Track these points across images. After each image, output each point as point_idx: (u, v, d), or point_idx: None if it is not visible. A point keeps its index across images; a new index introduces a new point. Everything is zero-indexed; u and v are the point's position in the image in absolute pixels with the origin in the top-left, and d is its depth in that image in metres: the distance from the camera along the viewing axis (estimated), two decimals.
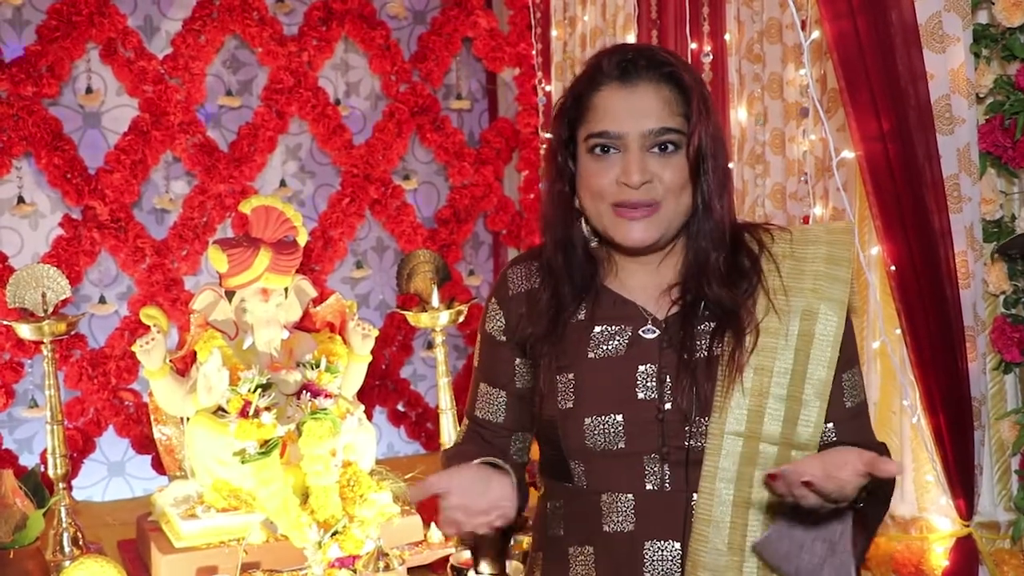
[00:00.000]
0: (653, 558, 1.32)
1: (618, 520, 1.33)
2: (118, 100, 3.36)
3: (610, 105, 1.33)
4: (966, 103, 2.02)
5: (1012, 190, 2.12)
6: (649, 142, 1.31)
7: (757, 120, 2.67)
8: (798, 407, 1.30)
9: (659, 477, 1.32)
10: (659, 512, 1.32)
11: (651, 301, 1.38)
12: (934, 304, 2.02)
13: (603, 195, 1.33)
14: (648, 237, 1.33)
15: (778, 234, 1.39)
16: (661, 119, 1.31)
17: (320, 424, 2.31)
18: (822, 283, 1.34)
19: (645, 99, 1.32)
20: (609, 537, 1.34)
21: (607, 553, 1.35)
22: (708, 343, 1.33)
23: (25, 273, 2.49)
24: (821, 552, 1.27)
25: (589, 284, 1.40)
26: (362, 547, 2.22)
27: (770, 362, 1.31)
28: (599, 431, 1.33)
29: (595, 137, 1.33)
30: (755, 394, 1.30)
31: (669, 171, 1.31)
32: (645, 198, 1.31)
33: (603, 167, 1.33)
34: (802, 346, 1.32)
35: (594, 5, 3.20)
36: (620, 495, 1.33)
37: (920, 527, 2.20)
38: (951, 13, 1.99)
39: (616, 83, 1.33)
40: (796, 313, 1.33)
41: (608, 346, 1.36)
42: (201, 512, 2.36)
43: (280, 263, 2.49)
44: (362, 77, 3.72)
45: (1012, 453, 2.14)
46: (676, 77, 1.34)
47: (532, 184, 3.77)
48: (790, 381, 1.31)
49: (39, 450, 3.21)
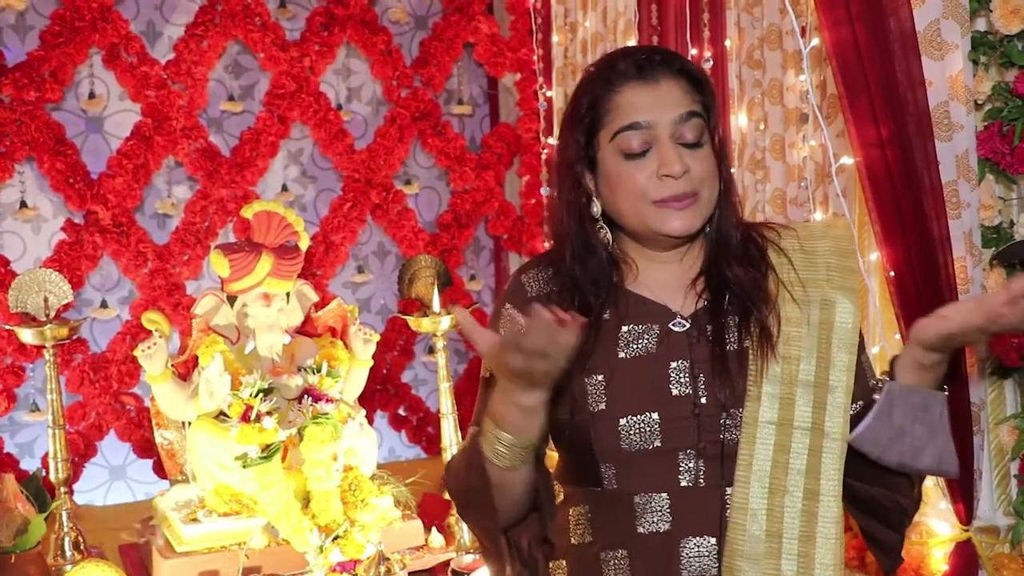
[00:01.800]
0: (690, 555, 1.33)
1: (653, 520, 1.34)
2: (120, 105, 3.37)
3: (635, 100, 1.35)
4: (964, 110, 2.02)
5: (1010, 196, 2.12)
6: (678, 131, 1.34)
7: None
8: (825, 393, 1.35)
9: (693, 473, 1.34)
10: (695, 508, 1.34)
11: (677, 298, 1.40)
12: (933, 309, 2.00)
13: (644, 193, 1.34)
14: (692, 226, 1.36)
15: (784, 231, 1.45)
16: (686, 104, 1.35)
17: (321, 429, 2.31)
18: (835, 274, 1.40)
19: (668, 90, 1.35)
20: (644, 538, 1.34)
21: (642, 555, 1.35)
22: (737, 335, 1.37)
23: (27, 277, 2.50)
24: (922, 435, 1.32)
25: (610, 289, 1.41)
26: (363, 551, 2.23)
27: (796, 350, 1.36)
28: (635, 431, 1.33)
29: (625, 131, 1.34)
30: (785, 382, 1.34)
31: (699, 163, 1.35)
32: (688, 188, 1.34)
33: (638, 166, 1.35)
34: (823, 334, 1.37)
35: (595, 11, 3.21)
36: (654, 495, 1.34)
37: (920, 532, 2.20)
38: (949, 20, 2.00)
39: (636, 80, 1.36)
40: (815, 302, 1.38)
41: (638, 344, 1.37)
42: (202, 516, 2.36)
43: (282, 268, 2.49)
44: (364, 82, 3.74)
45: (1011, 458, 2.14)
46: (689, 71, 1.38)
47: (533, 189, 3.78)
48: (816, 368, 1.35)
49: (40, 454, 3.22)
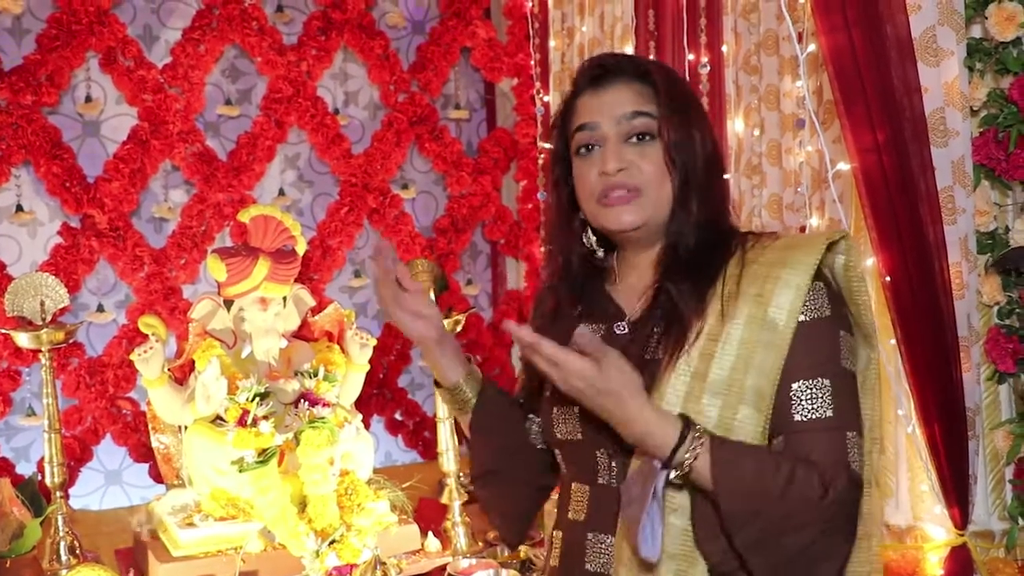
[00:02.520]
0: (592, 550, 1.37)
1: (576, 508, 1.41)
2: (117, 109, 3.37)
3: (587, 103, 1.43)
4: (960, 116, 2.03)
5: (1006, 202, 2.13)
6: (624, 129, 1.39)
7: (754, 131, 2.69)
8: (731, 414, 1.27)
9: (607, 471, 1.37)
10: (603, 505, 1.37)
11: (632, 301, 1.44)
12: (929, 315, 2.03)
13: (592, 192, 1.41)
14: (635, 220, 1.38)
15: (762, 240, 1.38)
16: (633, 104, 1.40)
17: (318, 433, 2.31)
18: (773, 288, 1.29)
19: (616, 93, 1.41)
20: (570, 524, 1.42)
21: (566, 539, 1.43)
22: (653, 347, 1.35)
23: (23, 281, 2.50)
24: (637, 494, 1.26)
25: (587, 288, 1.48)
26: (359, 556, 2.23)
27: (704, 367, 1.29)
28: (562, 420, 1.41)
29: (577, 131, 1.43)
30: (690, 399, 1.29)
31: (646, 160, 1.38)
32: (626, 182, 1.37)
33: (587, 165, 1.42)
34: (744, 353, 1.28)
35: (592, 16, 3.21)
36: (583, 485, 1.41)
37: (915, 536, 2.21)
38: (945, 27, 2.01)
39: (589, 87, 1.44)
40: (740, 319, 1.30)
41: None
42: (199, 521, 2.36)
43: (279, 272, 2.50)
44: (361, 87, 3.74)
45: (1006, 463, 2.15)
46: (643, 72, 1.42)
47: (530, 194, 3.78)
48: (726, 387, 1.28)
49: (36, 458, 3.21)
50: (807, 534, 1.22)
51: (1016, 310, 2.12)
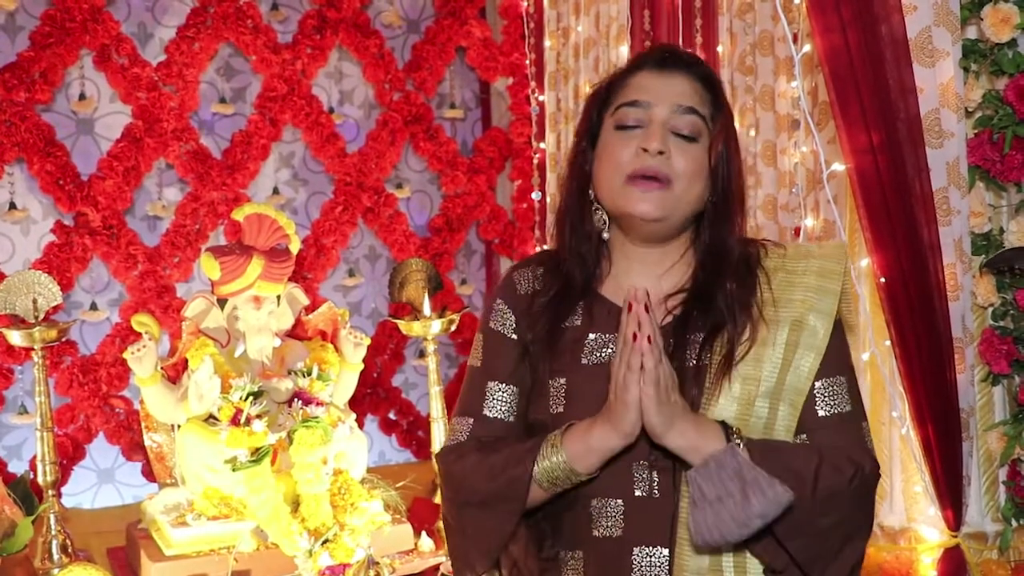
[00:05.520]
0: (641, 564, 1.33)
1: (607, 525, 1.35)
2: (111, 107, 3.36)
3: (645, 83, 1.40)
4: (955, 117, 2.03)
5: (1000, 203, 2.14)
6: (676, 121, 1.36)
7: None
8: (775, 413, 1.34)
9: (647, 483, 1.33)
10: (647, 518, 1.33)
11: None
12: (923, 316, 2.03)
13: (621, 166, 1.37)
14: (655, 210, 1.36)
15: (772, 248, 1.43)
16: (691, 100, 1.38)
17: (311, 432, 2.31)
18: (811, 295, 1.37)
19: (680, 82, 1.39)
20: (598, 542, 1.35)
21: (596, 558, 1.36)
22: (698, 352, 1.35)
23: (16, 279, 2.49)
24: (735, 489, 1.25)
25: (591, 283, 1.44)
26: (353, 555, 2.22)
27: (757, 371, 1.34)
28: None
29: (625, 106, 1.38)
30: (743, 402, 1.33)
31: (686, 156, 1.36)
32: (661, 169, 1.35)
33: (625, 139, 1.38)
34: (788, 356, 1.35)
35: (587, 16, 3.21)
36: (610, 500, 1.35)
37: (908, 537, 2.21)
38: (940, 28, 2.01)
39: (654, 67, 1.41)
40: (785, 324, 1.36)
41: (602, 353, 1.38)
42: (191, 520, 2.35)
43: (272, 271, 2.49)
44: (356, 85, 3.73)
45: (1000, 464, 2.15)
46: (708, 77, 1.41)
47: (525, 193, 3.78)
48: (775, 389, 1.33)
49: (28, 457, 3.20)
50: (839, 515, 1.30)
51: (1010, 312, 2.13)
